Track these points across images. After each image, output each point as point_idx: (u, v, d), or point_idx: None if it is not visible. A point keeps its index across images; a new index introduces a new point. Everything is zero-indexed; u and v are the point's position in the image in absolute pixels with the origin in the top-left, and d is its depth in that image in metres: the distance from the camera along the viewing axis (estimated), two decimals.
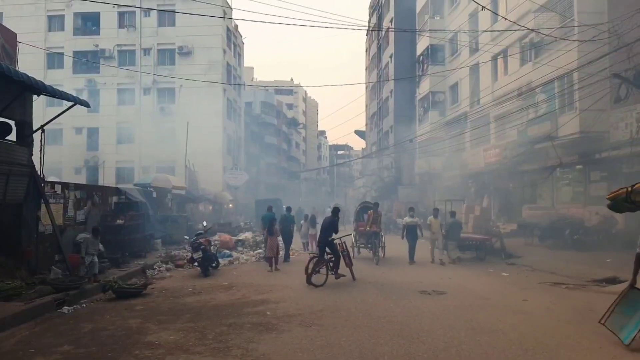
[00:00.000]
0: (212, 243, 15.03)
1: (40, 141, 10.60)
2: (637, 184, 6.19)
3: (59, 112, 11.15)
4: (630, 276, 10.37)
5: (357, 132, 63.15)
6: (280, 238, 14.95)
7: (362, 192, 47.69)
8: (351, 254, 13.24)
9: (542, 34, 18.16)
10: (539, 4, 18.88)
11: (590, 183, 17.64)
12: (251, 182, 41.64)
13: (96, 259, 10.67)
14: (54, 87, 10.34)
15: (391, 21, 40.16)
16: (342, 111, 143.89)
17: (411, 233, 14.38)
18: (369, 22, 52.50)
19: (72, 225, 12.33)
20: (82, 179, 31.88)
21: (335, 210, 11.62)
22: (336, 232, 11.16)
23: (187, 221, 21.99)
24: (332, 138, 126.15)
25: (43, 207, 10.66)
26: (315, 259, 10.72)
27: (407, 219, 14.94)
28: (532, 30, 18.44)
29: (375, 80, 47.45)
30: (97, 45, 36.47)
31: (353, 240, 15.58)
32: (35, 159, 10.77)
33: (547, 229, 16.72)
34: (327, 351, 5.73)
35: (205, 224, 17.55)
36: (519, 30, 18.99)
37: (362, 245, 15.54)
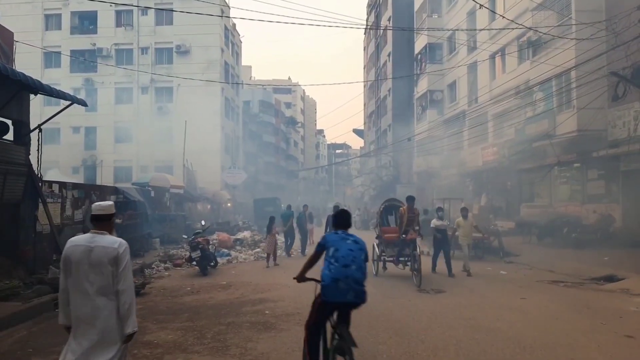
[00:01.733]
0: (211, 242, 15.01)
1: (38, 140, 10.57)
2: None
3: (56, 111, 11.13)
4: (627, 274, 10.41)
5: (356, 131, 63.21)
6: (278, 235, 15.64)
7: (361, 191, 47.77)
8: (374, 270, 11.44)
9: (540, 32, 18.19)
10: (536, 2, 18.90)
11: (588, 181, 17.68)
12: (249, 181, 41.60)
13: None
14: (51, 86, 10.30)
15: (389, 20, 40.16)
16: (340, 110, 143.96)
17: (441, 238, 11.93)
18: (367, 20, 52.48)
19: (70, 225, 12.30)
20: (79, 179, 31.81)
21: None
22: None
23: (185, 220, 21.98)
24: (331, 137, 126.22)
25: (41, 206, 10.63)
26: None
27: (435, 222, 12.19)
28: (530, 28, 18.47)
29: (373, 78, 47.45)
30: (94, 44, 36.35)
31: (375, 251, 11.78)
32: (33, 158, 10.74)
33: (545, 228, 16.77)
34: None
35: (203, 223, 17.48)
36: (517, 28, 19.01)
37: (391, 259, 11.42)
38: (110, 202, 3.94)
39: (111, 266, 3.54)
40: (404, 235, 10.81)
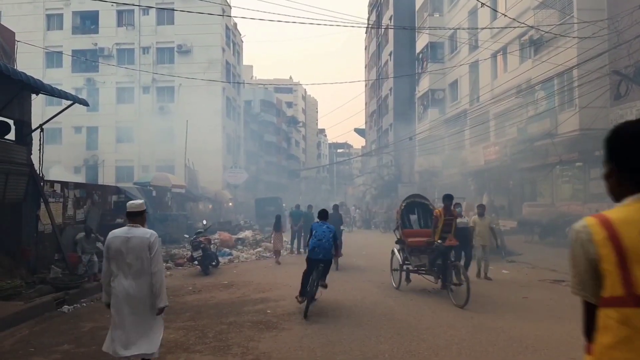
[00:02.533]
0: (212, 242, 15.05)
1: (39, 140, 10.58)
2: None
3: (58, 111, 11.14)
4: None
5: (357, 130, 63.17)
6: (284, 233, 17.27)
7: (362, 191, 47.70)
8: (394, 282, 9.72)
9: (542, 30, 18.14)
10: (538, 1, 18.85)
11: (590, 180, 17.64)
12: (251, 181, 41.60)
13: (96, 258, 10.65)
14: (53, 86, 10.32)
15: (390, 19, 40.11)
16: (341, 109, 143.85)
17: (460, 239, 9.63)
18: (368, 19, 52.43)
19: (71, 224, 12.31)
20: (81, 178, 31.84)
21: (336, 207, 15.35)
22: (342, 223, 14.70)
23: (186, 220, 21.98)
24: (332, 136, 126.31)
25: (42, 206, 10.64)
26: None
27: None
28: (531, 27, 18.42)
29: (375, 78, 47.41)
30: (96, 44, 36.40)
31: (397, 258, 9.65)
32: (35, 158, 10.75)
33: (547, 227, 16.72)
34: (328, 349, 5.72)
35: (205, 222, 17.53)
36: (518, 27, 18.97)
37: (418, 269, 9.23)
38: (142, 201, 4.81)
39: (145, 253, 4.33)
40: (439, 241, 8.65)
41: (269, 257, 15.88)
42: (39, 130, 10.60)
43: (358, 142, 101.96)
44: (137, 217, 4.54)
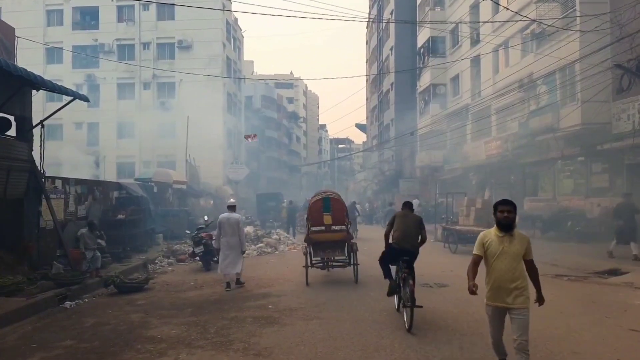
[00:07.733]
0: (214, 237, 15.03)
1: (40, 136, 10.57)
2: None
3: (58, 107, 11.12)
4: (631, 267, 10.32)
5: (358, 126, 63.03)
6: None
7: (363, 186, 47.76)
8: None
9: (544, 24, 18.03)
10: None
11: (592, 175, 17.58)
12: (252, 176, 41.58)
13: (98, 253, 10.66)
14: (53, 82, 10.30)
15: (392, 13, 39.93)
16: (342, 105, 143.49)
17: None
18: (369, 14, 52.19)
19: (73, 221, 12.32)
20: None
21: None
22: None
23: (188, 215, 21.98)
24: (333, 132, 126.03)
25: (44, 202, 10.65)
26: None
27: None
28: (533, 20, 18.30)
29: (376, 73, 47.26)
30: (96, 40, 36.31)
31: None
32: (36, 154, 10.74)
33: (549, 221, 16.69)
34: (329, 344, 5.73)
35: (206, 218, 17.49)
36: (520, 21, 18.86)
37: None
38: (234, 200, 11.23)
39: (237, 225, 9.69)
40: None
41: (270, 253, 15.95)
42: (39, 126, 10.59)
43: (359, 138, 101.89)
44: (232, 208, 9.94)
